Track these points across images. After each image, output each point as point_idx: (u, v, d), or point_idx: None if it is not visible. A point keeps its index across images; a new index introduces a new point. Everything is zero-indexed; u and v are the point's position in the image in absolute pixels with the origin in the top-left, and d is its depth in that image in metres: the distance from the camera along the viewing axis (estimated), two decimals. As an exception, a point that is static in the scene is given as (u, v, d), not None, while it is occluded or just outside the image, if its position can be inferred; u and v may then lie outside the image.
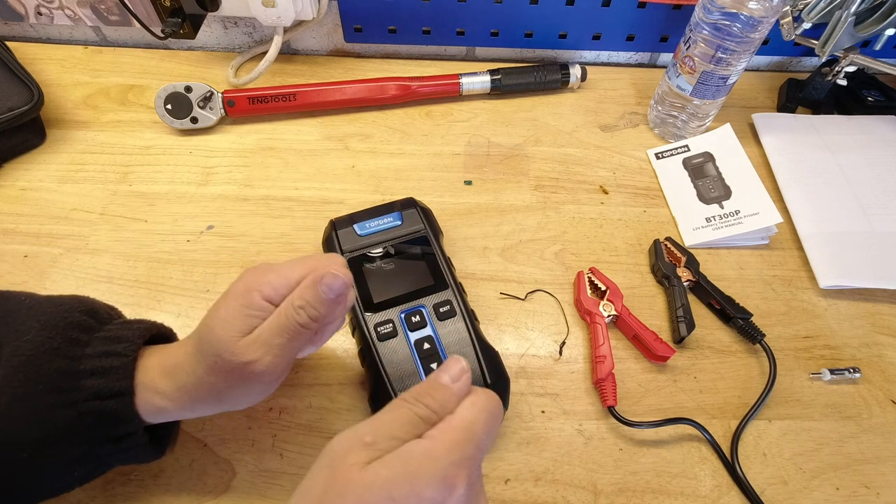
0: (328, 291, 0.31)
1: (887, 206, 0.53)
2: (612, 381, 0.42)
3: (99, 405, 0.30)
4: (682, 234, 0.53)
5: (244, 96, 0.57)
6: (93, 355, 0.31)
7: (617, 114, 0.63)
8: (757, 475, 0.40)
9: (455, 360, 0.28)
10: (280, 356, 0.31)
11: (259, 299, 0.31)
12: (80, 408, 0.30)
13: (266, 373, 0.30)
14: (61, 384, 0.30)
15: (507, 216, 0.53)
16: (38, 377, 0.30)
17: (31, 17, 0.63)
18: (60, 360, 0.30)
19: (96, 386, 0.30)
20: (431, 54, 0.69)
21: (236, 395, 0.32)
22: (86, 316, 0.33)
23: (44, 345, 0.30)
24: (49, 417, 0.29)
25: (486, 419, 0.26)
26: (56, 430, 0.30)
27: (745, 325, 0.46)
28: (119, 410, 0.31)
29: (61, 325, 0.31)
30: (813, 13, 0.55)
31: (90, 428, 0.30)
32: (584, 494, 0.39)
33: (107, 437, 0.31)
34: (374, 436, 0.25)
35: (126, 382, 0.31)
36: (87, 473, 0.33)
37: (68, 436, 0.30)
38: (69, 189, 0.53)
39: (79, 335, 0.32)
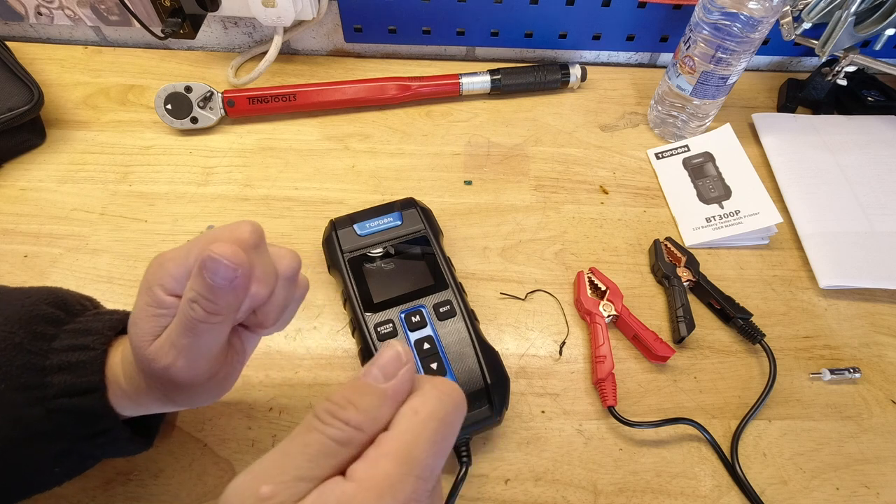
0: (213, 277, 0.24)
1: (887, 206, 0.53)
2: (612, 381, 0.42)
3: (69, 402, 0.28)
4: (682, 234, 0.53)
5: (244, 96, 0.57)
6: (60, 349, 0.29)
7: (617, 114, 0.63)
8: (757, 475, 0.40)
9: (388, 346, 0.21)
10: (194, 358, 0.26)
11: (162, 295, 0.26)
12: (48, 405, 0.28)
13: (187, 377, 0.27)
14: (27, 381, 0.28)
15: (507, 216, 0.53)
16: (1, 375, 0.28)
17: (31, 17, 0.63)
18: (24, 356, 0.28)
19: (65, 382, 0.28)
20: (431, 54, 0.69)
21: (181, 402, 0.29)
22: (54, 308, 0.31)
23: (6, 340, 0.28)
24: (17, 416, 0.28)
25: (434, 432, 0.20)
26: (26, 428, 0.28)
27: (745, 325, 0.46)
28: (92, 407, 0.29)
29: (26, 318, 0.29)
30: (813, 13, 0.55)
31: (63, 426, 0.29)
32: (584, 494, 0.39)
33: (83, 434, 0.29)
34: (273, 482, 0.18)
35: (96, 377, 0.29)
36: (71, 469, 0.31)
37: (41, 434, 0.28)
38: (69, 189, 0.53)
39: (45, 329, 0.30)
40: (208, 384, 0.29)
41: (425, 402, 0.21)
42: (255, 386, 0.42)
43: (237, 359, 0.30)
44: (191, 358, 0.26)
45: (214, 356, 0.28)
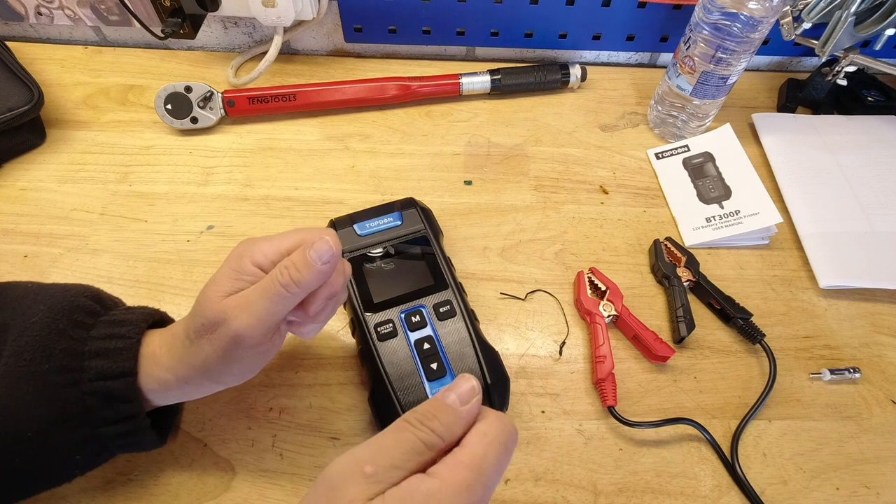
0: (316, 257, 0.30)
1: (887, 206, 0.53)
2: (612, 381, 0.42)
3: (103, 385, 0.31)
4: (682, 234, 0.53)
5: (244, 96, 0.57)
6: (97, 337, 0.32)
7: (617, 114, 0.63)
8: (757, 475, 0.40)
9: (465, 379, 0.26)
10: (259, 318, 0.30)
11: (248, 264, 0.32)
12: (83, 388, 0.31)
13: (245, 335, 0.30)
14: (67, 364, 0.31)
15: (507, 216, 0.53)
16: (44, 357, 0.30)
17: (31, 17, 0.63)
18: (66, 342, 0.31)
19: (100, 366, 0.31)
20: (431, 54, 0.69)
21: (223, 362, 0.31)
22: (91, 301, 0.34)
23: (50, 326, 0.31)
24: (54, 396, 0.30)
25: (498, 453, 0.25)
26: (60, 408, 0.30)
27: (745, 325, 0.46)
28: (122, 391, 0.31)
29: (67, 308, 0.32)
30: (813, 13, 0.55)
31: (93, 408, 0.31)
32: (584, 494, 0.39)
33: (110, 418, 0.31)
34: (374, 465, 0.23)
35: (130, 363, 0.32)
36: (89, 459, 0.33)
37: (72, 416, 0.31)
38: (69, 189, 0.53)
39: (84, 318, 0.32)
40: (255, 352, 0.32)
41: (491, 427, 0.25)
42: (255, 386, 0.42)
43: (278, 342, 0.34)
44: (257, 317, 0.30)
45: (273, 325, 0.31)
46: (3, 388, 0.30)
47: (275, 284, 0.30)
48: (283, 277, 0.30)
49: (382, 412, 0.37)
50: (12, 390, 0.30)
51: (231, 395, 0.42)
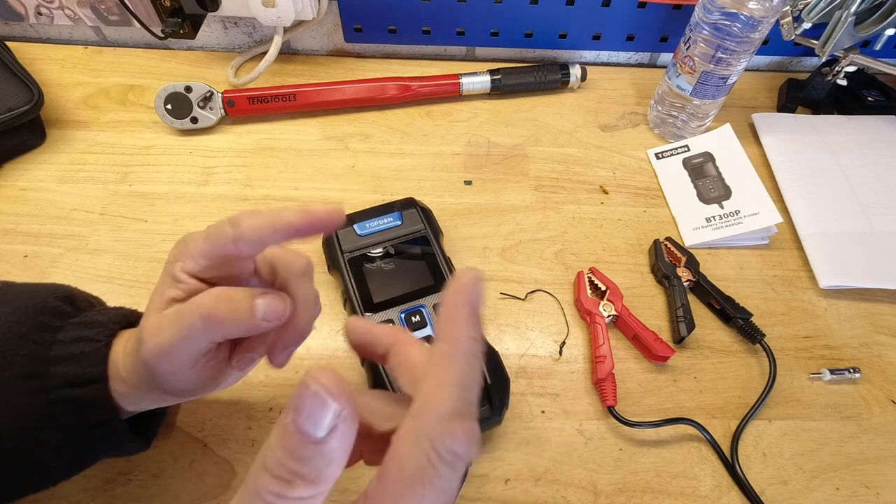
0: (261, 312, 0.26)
1: (887, 206, 0.53)
2: (612, 381, 0.42)
3: (70, 393, 0.28)
4: (682, 234, 0.53)
5: (244, 96, 0.57)
6: (64, 341, 0.30)
7: (617, 114, 0.63)
8: (757, 475, 0.40)
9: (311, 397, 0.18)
10: (165, 350, 0.26)
11: (180, 272, 0.27)
12: (51, 395, 0.28)
13: (152, 364, 0.27)
14: (31, 371, 0.28)
15: (507, 216, 0.53)
16: (6, 363, 0.28)
17: (31, 17, 0.63)
18: (29, 346, 0.29)
19: (68, 373, 0.29)
20: (431, 54, 0.69)
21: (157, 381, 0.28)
22: (61, 302, 0.31)
23: (11, 330, 0.29)
24: (20, 404, 0.28)
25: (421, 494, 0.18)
26: (27, 417, 0.28)
27: (745, 325, 0.46)
28: (92, 398, 0.29)
29: (32, 310, 0.30)
30: (813, 13, 0.55)
31: (63, 416, 0.29)
32: (584, 494, 0.39)
33: (82, 426, 0.29)
34: None
35: (98, 369, 0.29)
36: (69, 465, 0.31)
37: (41, 424, 0.28)
38: (69, 189, 0.53)
39: (50, 321, 0.30)
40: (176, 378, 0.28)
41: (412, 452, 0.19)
42: (255, 386, 0.42)
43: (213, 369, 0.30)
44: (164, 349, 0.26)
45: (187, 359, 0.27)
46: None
47: (189, 316, 0.25)
48: (208, 307, 0.25)
49: (382, 412, 0.37)
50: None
51: (231, 395, 0.42)
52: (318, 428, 0.18)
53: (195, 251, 0.27)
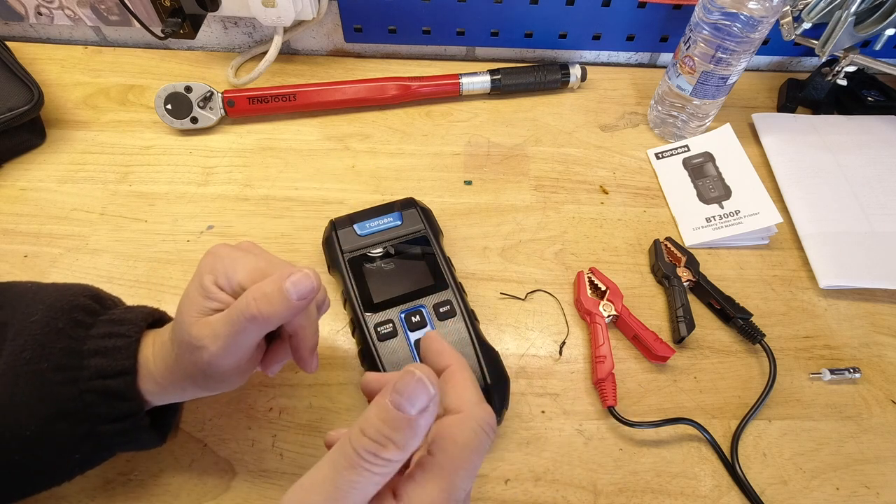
0: (292, 291, 0.28)
1: (887, 206, 0.53)
2: (612, 381, 0.42)
3: (101, 384, 0.31)
4: (682, 234, 0.53)
5: (244, 96, 0.57)
6: (97, 336, 0.32)
7: (617, 114, 0.63)
8: (757, 475, 0.40)
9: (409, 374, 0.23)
10: (227, 350, 0.29)
11: (212, 286, 0.31)
12: (82, 386, 0.31)
13: (216, 364, 0.30)
14: (65, 362, 0.31)
15: (507, 216, 0.53)
16: (43, 355, 0.30)
17: (31, 17, 0.63)
18: (65, 340, 0.31)
19: (99, 365, 0.31)
20: (431, 54, 0.69)
21: (204, 380, 0.31)
22: (90, 300, 0.34)
23: (49, 325, 0.31)
24: (52, 394, 0.30)
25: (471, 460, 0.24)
26: (59, 406, 0.30)
27: (745, 325, 0.46)
28: (121, 389, 0.31)
29: (66, 307, 0.32)
30: (813, 13, 0.55)
31: (92, 406, 0.31)
32: (584, 494, 0.39)
33: (108, 417, 0.31)
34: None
35: (129, 362, 0.32)
36: (88, 457, 0.33)
37: (70, 413, 0.31)
38: (69, 189, 0.53)
39: (83, 317, 0.32)
40: (230, 375, 0.31)
41: (463, 430, 0.24)
42: (255, 386, 0.42)
43: (258, 357, 0.34)
44: (224, 347, 0.29)
45: (244, 353, 0.31)
46: (2, 386, 0.30)
47: (241, 316, 0.29)
48: (252, 308, 0.28)
49: (382, 412, 0.37)
50: (11, 388, 0.30)
51: (231, 395, 0.42)
52: (413, 407, 0.22)
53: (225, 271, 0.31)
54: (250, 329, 0.29)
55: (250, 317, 0.28)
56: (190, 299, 0.31)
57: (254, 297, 0.29)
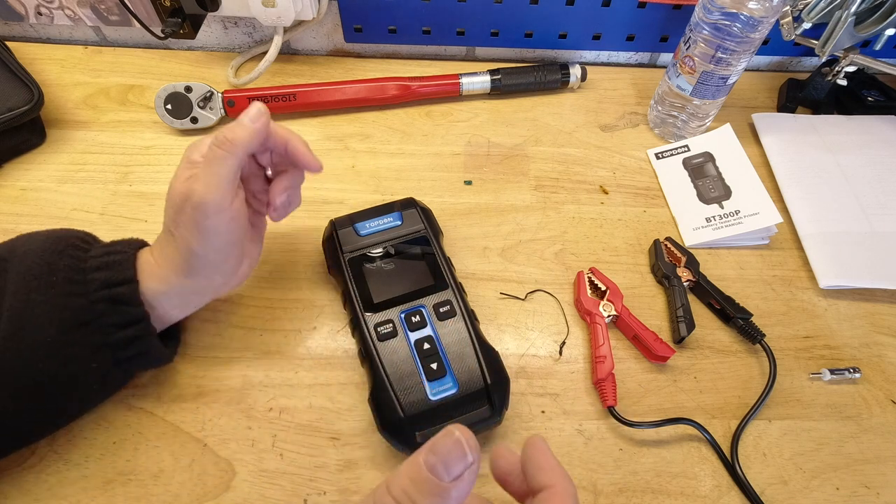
0: (248, 114, 0.35)
1: (887, 206, 0.53)
2: (612, 381, 0.42)
3: (108, 293, 0.34)
4: (682, 234, 0.53)
5: (244, 96, 0.57)
6: (96, 256, 0.36)
7: (617, 114, 0.63)
8: (757, 475, 0.40)
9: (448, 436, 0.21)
10: (210, 183, 0.34)
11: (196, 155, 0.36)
12: (91, 297, 0.34)
13: (205, 200, 0.33)
14: (72, 277, 0.34)
15: (507, 216, 0.53)
16: (50, 272, 0.34)
17: (31, 17, 0.63)
18: (67, 259, 0.35)
19: (104, 277, 0.34)
20: (431, 54, 0.69)
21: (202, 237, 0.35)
22: (82, 235, 0.38)
23: (50, 249, 0.35)
24: (65, 304, 0.33)
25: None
26: (72, 315, 0.33)
27: (745, 325, 0.46)
28: (127, 295, 0.34)
29: (63, 237, 0.36)
30: (813, 13, 0.55)
31: (103, 315, 0.34)
32: (584, 494, 0.39)
33: (119, 323, 0.34)
34: None
35: (130, 272, 0.35)
36: (105, 372, 0.35)
37: (84, 322, 0.33)
38: (69, 189, 0.53)
39: (80, 244, 0.36)
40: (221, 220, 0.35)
41: None
42: (255, 386, 0.42)
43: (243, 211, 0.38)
44: (209, 182, 0.34)
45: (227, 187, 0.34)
46: (18, 299, 0.32)
47: (213, 149, 0.34)
48: (219, 138, 0.34)
49: (382, 412, 0.37)
50: (26, 301, 0.32)
51: (231, 396, 0.42)
52: (448, 474, 0.21)
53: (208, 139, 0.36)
54: (222, 156, 0.34)
55: (219, 142, 0.34)
56: (177, 179, 0.35)
57: (220, 131, 0.35)
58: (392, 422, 0.37)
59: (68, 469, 0.38)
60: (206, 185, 0.34)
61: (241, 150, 0.35)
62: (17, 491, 0.37)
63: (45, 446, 0.39)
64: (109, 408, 0.40)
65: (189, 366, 0.43)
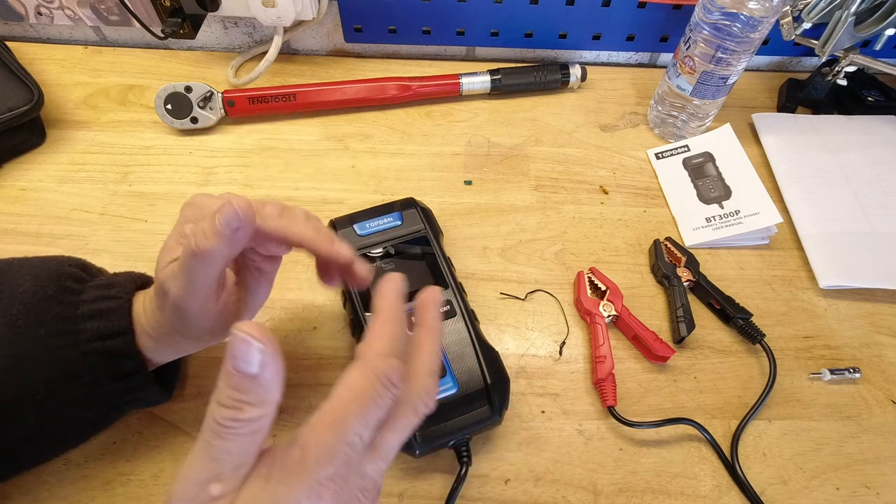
0: (223, 223, 0.28)
1: (887, 206, 0.53)
2: (612, 381, 0.42)
3: (102, 345, 0.32)
4: (682, 234, 0.53)
5: (244, 96, 0.57)
6: (89, 300, 0.33)
7: (617, 114, 0.63)
8: (757, 475, 0.40)
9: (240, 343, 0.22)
10: (185, 289, 0.29)
11: (188, 227, 0.32)
12: (83, 348, 0.31)
13: (182, 305, 0.30)
14: (62, 328, 0.31)
15: (507, 216, 0.53)
16: (38, 322, 0.31)
17: (31, 17, 0.63)
18: (57, 306, 0.32)
19: (96, 327, 0.32)
20: (431, 54, 0.69)
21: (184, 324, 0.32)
22: (76, 269, 0.34)
23: (38, 293, 0.31)
24: (55, 357, 0.31)
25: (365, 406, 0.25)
26: (63, 369, 0.31)
27: (745, 325, 0.46)
28: (122, 348, 0.32)
29: (54, 275, 0.33)
30: (813, 13, 0.55)
31: (96, 367, 0.32)
32: (584, 494, 0.39)
33: (114, 375, 0.32)
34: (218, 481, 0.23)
35: (124, 322, 0.32)
36: (100, 416, 0.34)
37: (76, 375, 0.31)
38: (69, 189, 0.53)
39: (72, 284, 0.33)
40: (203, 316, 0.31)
41: (357, 377, 0.25)
42: (255, 386, 0.42)
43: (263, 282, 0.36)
44: (182, 288, 0.29)
45: (205, 290, 0.30)
46: (4, 353, 0.30)
47: (185, 253, 0.29)
48: (192, 244, 0.28)
49: (382, 412, 0.37)
50: (14, 354, 0.30)
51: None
52: (250, 365, 0.22)
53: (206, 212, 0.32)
54: (197, 265, 0.29)
55: (191, 253, 0.28)
56: (166, 247, 0.32)
57: (192, 232, 0.28)
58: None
59: (68, 469, 0.38)
60: (183, 290, 0.30)
61: (221, 261, 0.29)
62: (16, 491, 0.37)
63: (45, 446, 0.39)
64: (109, 408, 0.40)
65: (189, 366, 0.43)
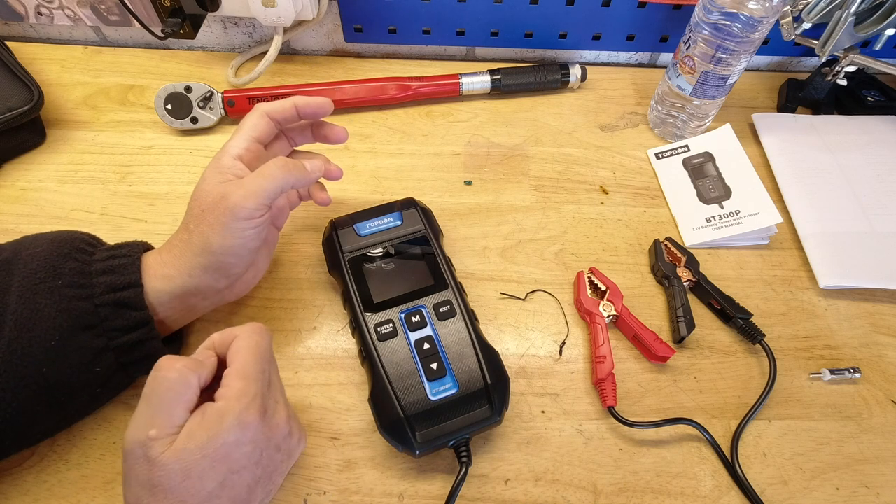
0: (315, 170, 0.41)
1: (887, 206, 0.53)
2: (612, 381, 0.42)
3: (113, 297, 0.35)
4: (682, 234, 0.53)
5: (244, 96, 0.57)
6: (101, 259, 0.36)
7: (617, 114, 0.63)
8: (757, 475, 0.40)
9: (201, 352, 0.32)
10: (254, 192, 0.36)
11: (228, 158, 0.38)
12: (96, 300, 0.34)
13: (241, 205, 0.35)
14: (77, 281, 0.35)
15: (507, 216, 0.53)
16: (55, 275, 0.34)
17: (31, 17, 0.63)
18: (73, 263, 0.35)
19: (108, 281, 0.35)
20: (431, 54, 0.69)
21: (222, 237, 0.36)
22: (87, 237, 0.38)
23: (55, 251, 0.35)
24: (70, 307, 0.34)
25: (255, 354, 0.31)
26: (77, 319, 0.34)
27: (745, 325, 0.46)
28: (132, 299, 0.35)
29: (68, 240, 0.37)
30: (813, 13, 0.55)
31: (107, 319, 0.35)
32: (584, 494, 0.39)
33: (123, 327, 0.35)
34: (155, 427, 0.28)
35: (135, 276, 0.36)
36: (109, 375, 0.36)
37: (89, 326, 0.34)
38: (69, 189, 0.53)
39: (85, 247, 0.37)
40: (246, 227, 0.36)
41: (244, 339, 0.32)
42: (255, 386, 0.42)
43: (266, 249, 0.42)
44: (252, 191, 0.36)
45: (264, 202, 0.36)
46: (23, 302, 0.33)
47: (272, 170, 0.36)
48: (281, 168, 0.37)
49: (382, 412, 0.37)
50: (31, 304, 0.33)
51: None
52: None
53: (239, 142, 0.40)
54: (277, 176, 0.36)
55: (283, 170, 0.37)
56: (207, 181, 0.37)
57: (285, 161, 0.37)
58: (392, 422, 0.37)
59: (68, 469, 0.38)
60: (247, 191, 0.36)
61: (290, 185, 0.38)
62: (17, 491, 0.37)
63: (45, 446, 0.39)
64: (109, 408, 0.40)
65: (189, 366, 0.43)
